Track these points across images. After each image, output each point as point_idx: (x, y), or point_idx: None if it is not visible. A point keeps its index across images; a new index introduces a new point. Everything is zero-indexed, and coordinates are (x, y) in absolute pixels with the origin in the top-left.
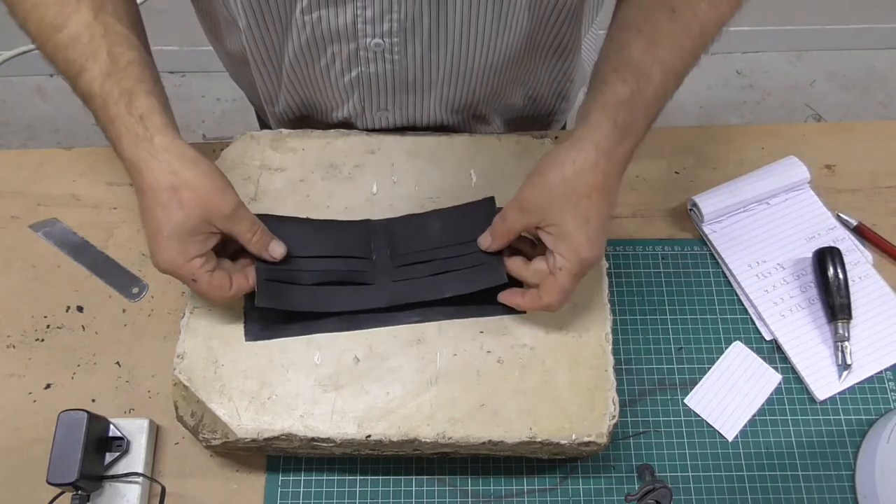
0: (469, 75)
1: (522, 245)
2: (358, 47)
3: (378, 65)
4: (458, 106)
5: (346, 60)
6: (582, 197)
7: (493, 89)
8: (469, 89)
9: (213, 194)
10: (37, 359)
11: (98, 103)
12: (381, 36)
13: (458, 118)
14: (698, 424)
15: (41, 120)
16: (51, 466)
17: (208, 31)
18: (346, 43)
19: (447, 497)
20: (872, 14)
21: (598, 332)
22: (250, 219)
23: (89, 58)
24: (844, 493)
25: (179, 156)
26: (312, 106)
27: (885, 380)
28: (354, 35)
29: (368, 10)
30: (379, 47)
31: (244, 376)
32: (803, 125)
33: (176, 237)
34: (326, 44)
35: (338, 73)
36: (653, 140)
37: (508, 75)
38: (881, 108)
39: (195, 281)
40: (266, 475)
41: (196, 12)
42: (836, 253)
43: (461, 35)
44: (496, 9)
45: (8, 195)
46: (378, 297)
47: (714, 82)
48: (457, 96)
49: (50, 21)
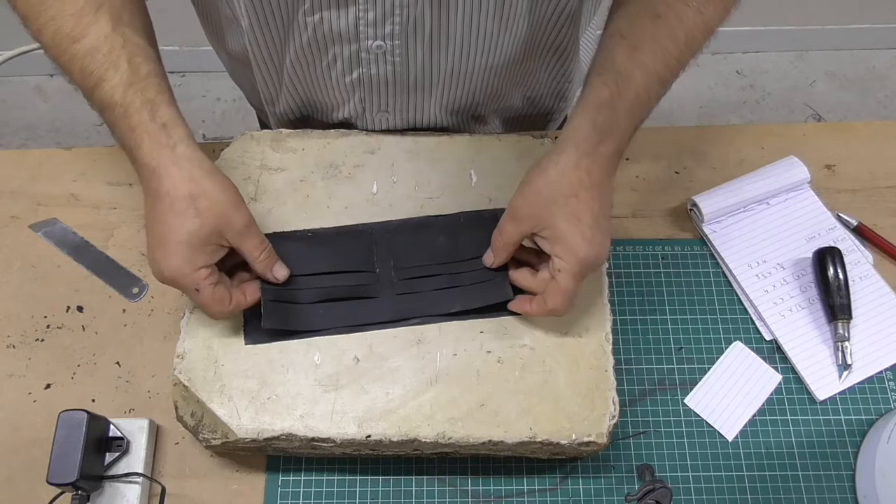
0: (469, 78)
1: (528, 256)
2: (360, 49)
3: (379, 66)
4: (458, 108)
5: (348, 62)
6: (569, 197)
7: (493, 91)
8: (469, 91)
9: (229, 208)
10: (37, 359)
11: (119, 112)
12: (383, 38)
13: (457, 119)
14: (698, 424)
15: (41, 120)
16: (51, 466)
17: (209, 32)
18: (347, 44)
19: (447, 497)
20: (872, 14)
21: (598, 333)
22: (259, 237)
23: (109, 68)
24: (844, 493)
25: (199, 166)
26: (313, 106)
27: (885, 380)
28: (356, 37)
29: (371, 12)
30: (380, 49)
31: (244, 376)
32: (803, 125)
33: (187, 245)
34: (328, 45)
35: (339, 73)
36: (653, 140)
37: (508, 77)
38: (881, 108)
39: (198, 291)
40: (266, 475)
41: (197, 13)
42: (836, 253)
43: (462, 38)
44: (497, 13)
45: (8, 195)
46: (382, 311)
47: (714, 82)
48: (457, 98)
49: (67, 32)
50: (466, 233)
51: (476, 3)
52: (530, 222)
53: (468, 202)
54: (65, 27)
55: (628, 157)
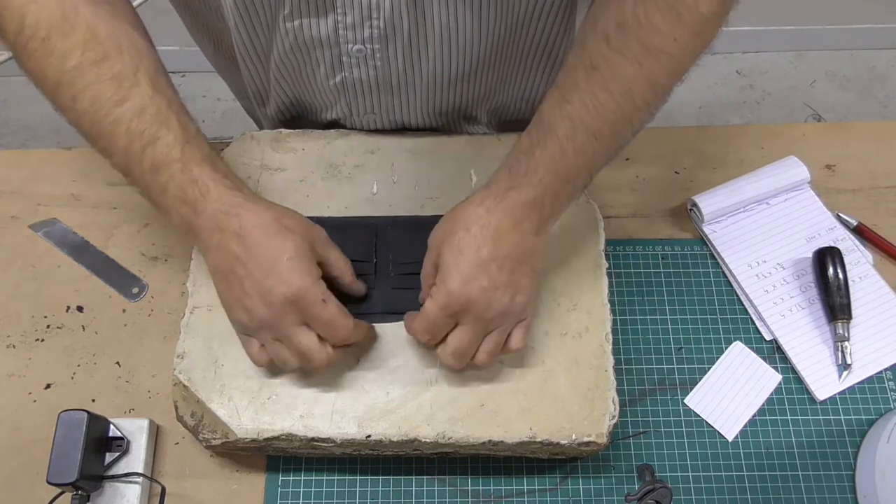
0: (452, 79)
1: None
2: (340, 53)
3: (361, 70)
4: (445, 109)
5: (330, 65)
6: (460, 229)
7: (481, 92)
8: (454, 93)
9: (307, 222)
10: (37, 359)
11: (177, 167)
12: (363, 42)
13: (446, 120)
14: (698, 424)
15: (41, 120)
16: (51, 466)
17: (200, 36)
18: (328, 49)
19: (447, 497)
20: (872, 14)
21: (598, 332)
22: (339, 249)
23: (161, 126)
24: (844, 493)
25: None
26: (302, 107)
27: (885, 380)
28: (336, 41)
29: (349, 16)
30: (361, 53)
31: (244, 376)
32: (803, 125)
33: (298, 258)
34: (310, 49)
35: (323, 77)
36: (653, 140)
37: (494, 78)
38: (881, 108)
39: (325, 302)
40: (266, 475)
41: (187, 18)
42: (836, 253)
43: (441, 40)
44: (474, 15)
45: (8, 195)
46: (376, 303)
47: (714, 82)
48: (442, 100)
49: (108, 97)
50: None
51: (452, 4)
52: (434, 252)
53: None
54: (105, 92)
55: (628, 157)
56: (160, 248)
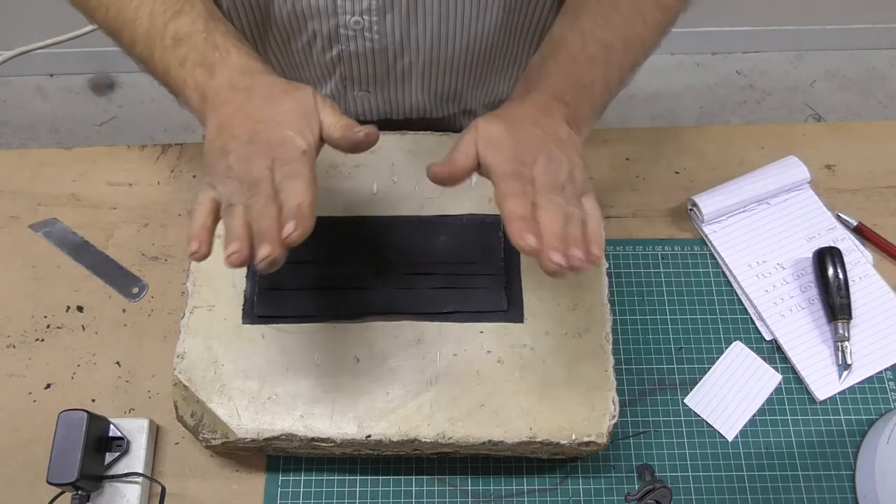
0: (450, 58)
1: None
2: (338, 24)
3: (358, 43)
4: (442, 93)
5: (327, 38)
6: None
7: (478, 77)
8: (451, 74)
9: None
10: (37, 359)
11: (200, 37)
12: (361, 13)
13: (444, 109)
14: (698, 424)
15: (41, 120)
16: (51, 466)
17: None
18: (325, 19)
19: (447, 497)
20: (872, 14)
21: (598, 332)
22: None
23: (185, 3)
24: (844, 493)
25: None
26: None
27: (885, 380)
28: (334, 11)
29: None
30: (358, 25)
31: (244, 376)
32: (803, 125)
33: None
34: (307, 19)
35: (319, 50)
36: (653, 140)
37: (492, 62)
38: (881, 108)
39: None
40: (266, 475)
41: None
42: (836, 253)
43: (439, 15)
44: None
45: (8, 195)
46: (376, 303)
47: (714, 82)
48: (439, 81)
49: None
50: (467, 236)
51: None
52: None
53: (468, 202)
54: None
55: (628, 158)
56: (160, 248)
